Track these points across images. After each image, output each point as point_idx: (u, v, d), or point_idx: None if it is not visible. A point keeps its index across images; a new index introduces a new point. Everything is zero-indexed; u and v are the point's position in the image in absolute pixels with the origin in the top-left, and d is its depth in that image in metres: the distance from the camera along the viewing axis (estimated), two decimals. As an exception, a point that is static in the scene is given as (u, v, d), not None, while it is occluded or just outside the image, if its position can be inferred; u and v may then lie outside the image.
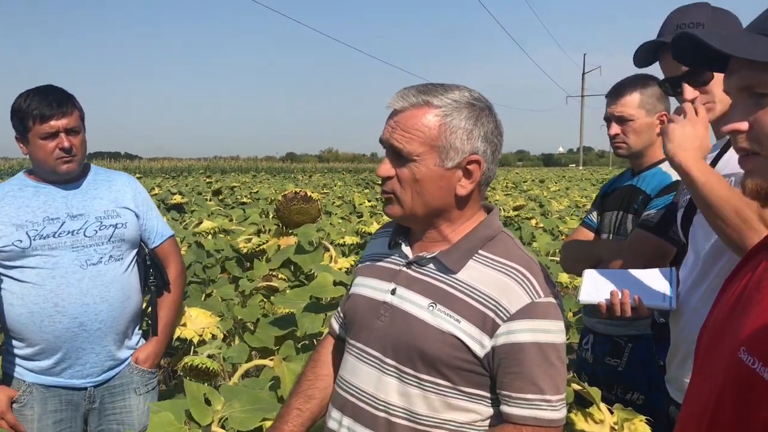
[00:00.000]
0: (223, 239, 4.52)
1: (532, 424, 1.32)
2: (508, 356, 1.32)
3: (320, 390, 1.62)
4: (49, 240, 2.25)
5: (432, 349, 1.34)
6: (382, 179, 1.43)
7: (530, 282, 1.36)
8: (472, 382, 1.36)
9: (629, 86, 2.52)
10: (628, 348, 2.52)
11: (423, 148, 1.36)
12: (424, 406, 1.37)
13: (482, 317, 1.33)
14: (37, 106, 2.24)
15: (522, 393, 1.32)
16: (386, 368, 1.40)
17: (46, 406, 2.30)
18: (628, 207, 2.56)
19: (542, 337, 1.33)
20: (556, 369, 1.34)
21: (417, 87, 1.40)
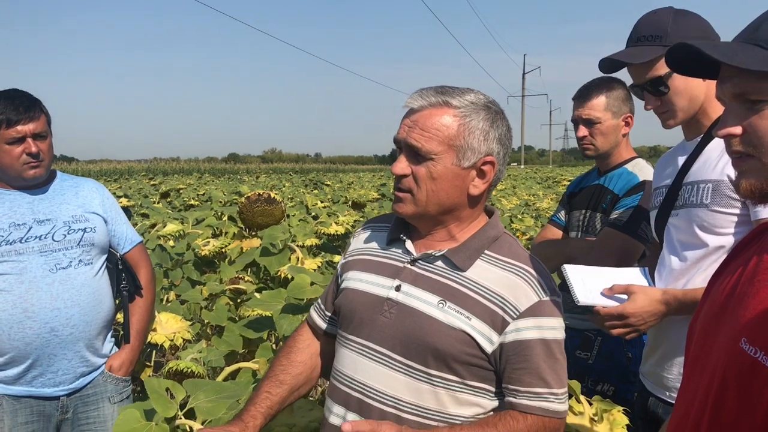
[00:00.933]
0: (183, 242, 4.45)
1: (538, 413, 1.37)
2: (517, 353, 1.38)
3: (292, 376, 1.62)
4: (15, 245, 2.19)
5: (444, 346, 1.37)
6: (396, 177, 1.45)
7: (537, 281, 1.42)
8: (478, 376, 1.41)
9: (595, 89, 2.60)
10: (597, 341, 2.59)
11: (441, 147, 1.39)
12: (433, 401, 1.40)
13: (492, 315, 1.38)
14: (3, 110, 2.18)
15: (531, 387, 1.38)
16: (395, 365, 1.43)
17: (16, 418, 2.23)
18: (596, 206, 2.64)
19: (548, 334, 1.39)
20: (560, 363, 1.41)
21: (434, 88, 1.44)
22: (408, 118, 1.44)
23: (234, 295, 3.34)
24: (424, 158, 1.40)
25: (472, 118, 1.41)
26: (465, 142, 1.40)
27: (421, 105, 1.42)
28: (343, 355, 1.54)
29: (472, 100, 1.42)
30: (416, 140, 1.40)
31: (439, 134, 1.39)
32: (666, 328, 1.85)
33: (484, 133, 1.42)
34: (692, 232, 1.78)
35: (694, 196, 1.79)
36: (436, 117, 1.40)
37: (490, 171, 1.44)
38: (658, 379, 1.89)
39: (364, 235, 1.66)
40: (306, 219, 6.07)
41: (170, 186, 15.90)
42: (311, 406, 2.02)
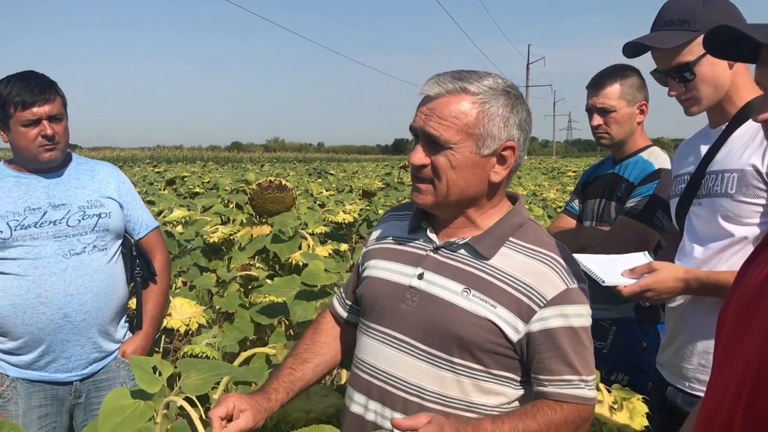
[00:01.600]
0: (191, 229, 4.44)
1: (572, 401, 1.36)
2: (544, 342, 1.36)
3: (315, 354, 1.63)
4: (30, 230, 2.19)
5: (468, 334, 1.36)
6: (414, 167, 1.41)
7: (564, 269, 1.39)
8: (502, 365, 1.39)
9: (609, 77, 2.58)
10: (612, 331, 2.59)
11: (460, 135, 1.35)
12: (457, 389, 1.39)
13: (518, 303, 1.36)
14: (18, 92, 2.16)
15: (561, 375, 1.36)
16: (418, 353, 1.41)
17: (30, 401, 2.23)
18: (610, 195, 2.63)
19: (576, 321, 1.37)
20: (588, 350, 1.40)
21: (451, 73, 1.39)
22: (424, 105, 1.39)
23: (245, 281, 3.34)
24: (442, 147, 1.36)
25: (492, 105, 1.36)
26: (484, 130, 1.36)
27: (438, 92, 1.37)
28: (365, 343, 1.53)
29: (491, 85, 1.38)
30: (434, 129, 1.36)
31: (457, 122, 1.35)
32: (685, 319, 1.84)
33: (504, 120, 1.37)
34: (715, 221, 1.77)
35: (718, 185, 1.77)
36: (454, 104, 1.36)
37: (511, 157, 1.41)
38: (676, 369, 1.89)
39: (385, 224, 1.64)
40: (313, 207, 6.06)
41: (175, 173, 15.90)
42: (327, 392, 2.02)
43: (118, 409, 1.41)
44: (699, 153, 1.89)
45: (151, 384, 1.45)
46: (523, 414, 1.34)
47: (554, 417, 1.34)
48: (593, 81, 2.63)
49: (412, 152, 1.41)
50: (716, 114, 1.85)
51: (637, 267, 1.78)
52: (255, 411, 1.43)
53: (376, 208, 6.86)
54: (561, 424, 1.34)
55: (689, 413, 1.78)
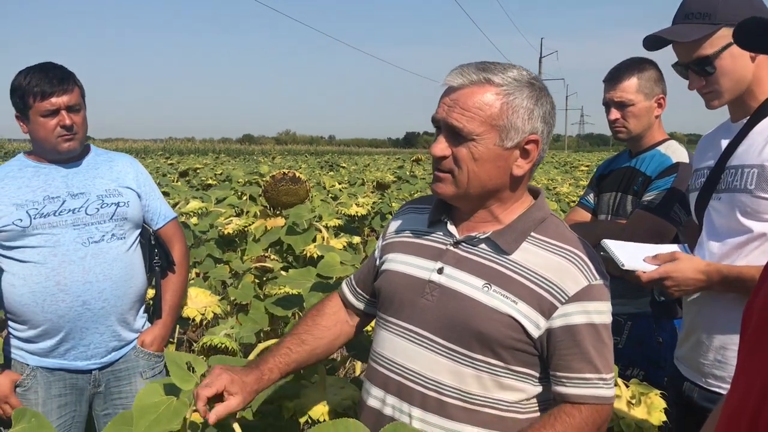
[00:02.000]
0: (205, 221, 4.46)
1: (590, 402, 1.35)
2: (565, 338, 1.35)
3: (314, 337, 1.61)
4: (49, 218, 2.21)
5: (488, 330, 1.35)
6: (435, 158, 1.40)
7: (587, 265, 1.38)
8: (522, 361, 1.38)
9: (627, 71, 2.56)
10: (627, 325, 2.58)
11: (483, 127, 1.34)
12: (476, 385, 1.38)
13: (539, 299, 1.35)
14: (37, 83, 2.18)
15: (581, 373, 1.35)
16: (437, 348, 1.40)
17: (50, 390, 2.25)
18: (627, 188, 2.62)
19: (597, 318, 1.36)
20: (608, 348, 1.39)
21: (475, 64, 1.38)
22: (447, 96, 1.38)
23: (260, 273, 3.35)
24: (465, 139, 1.35)
25: (516, 96, 1.35)
26: (508, 122, 1.34)
27: (462, 83, 1.35)
28: (382, 337, 1.52)
29: (515, 76, 1.36)
30: (457, 120, 1.34)
31: (480, 114, 1.33)
32: (702, 314, 1.83)
33: (529, 112, 1.36)
34: (734, 217, 1.75)
35: (737, 180, 1.75)
36: (478, 95, 1.34)
37: (534, 150, 1.39)
38: (693, 364, 1.88)
39: (404, 217, 1.62)
40: (326, 200, 6.07)
41: (188, 165, 15.96)
42: (343, 384, 2.03)
43: (152, 406, 1.40)
44: (719, 147, 1.87)
45: (186, 381, 1.44)
46: (541, 426, 1.33)
47: (573, 423, 1.33)
48: (610, 74, 2.61)
49: (434, 143, 1.40)
50: (737, 108, 1.84)
51: (660, 254, 1.76)
52: (245, 393, 1.41)
53: (389, 201, 6.86)
54: (582, 427, 1.33)
55: (706, 408, 1.78)
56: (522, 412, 1.40)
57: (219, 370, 1.44)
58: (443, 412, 1.39)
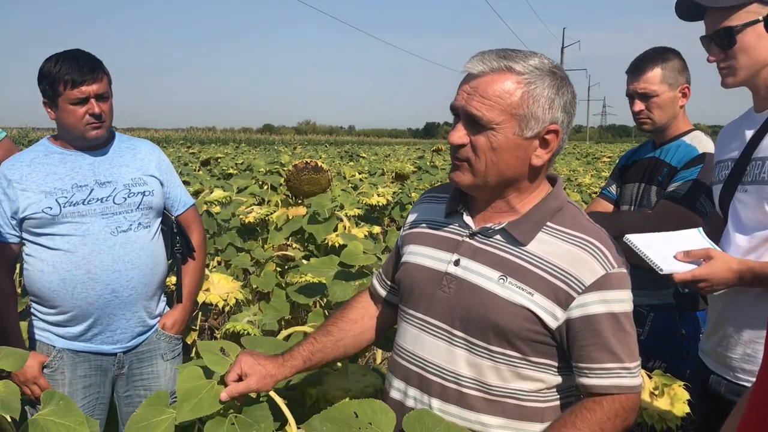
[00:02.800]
0: (228, 210, 4.50)
1: (613, 392, 1.33)
2: (584, 329, 1.33)
3: (340, 329, 1.64)
4: (78, 207, 2.23)
5: (505, 322, 1.34)
6: (453, 146, 1.38)
7: (603, 253, 1.36)
8: (541, 352, 1.38)
9: (650, 62, 2.53)
10: (650, 317, 2.57)
11: (503, 116, 1.32)
12: (495, 376, 1.38)
13: (555, 290, 1.33)
14: (68, 71, 2.20)
15: (602, 363, 1.33)
16: (455, 340, 1.40)
17: (76, 371, 2.29)
18: (651, 179, 2.60)
19: (617, 307, 1.34)
20: (631, 337, 1.37)
21: (496, 51, 1.35)
22: (467, 83, 1.35)
23: (282, 261, 3.38)
24: (484, 127, 1.33)
25: (537, 85, 1.32)
26: (528, 111, 1.32)
27: (482, 70, 1.33)
28: (404, 329, 1.53)
29: (537, 65, 1.34)
30: (476, 108, 1.32)
31: (500, 102, 1.31)
32: (730, 308, 1.81)
33: (549, 101, 1.33)
34: (762, 209, 1.72)
35: (765, 172, 1.72)
36: (498, 83, 1.31)
37: (554, 140, 1.37)
38: (720, 358, 1.85)
39: (422, 207, 1.62)
40: (347, 189, 6.09)
41: (209, 155, 16.06)
42: (365, 372, 2.04)
43: (194, 389, 1.43)
44: (744, 138, 1.84)
45: (220, 364, 1.47)
46: (563, 424, 1.32)
47: (594, 418, 1.31)
48: (633, 65, 2.58)
49: (452, 131, 1.38)
50: (761, 97, 1.81)
51: (693, 251, 1.72)
52: (259, 377, 1.46)
53: (409, 191, 6.86)
54: (604, 422, 1.31)
55: (733, 401, 1.76)
56: (542, 401, 1.40)
57: (242, 355, 1.49)
58: (463, 403, 1.40)
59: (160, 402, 1.45)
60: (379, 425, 1.28)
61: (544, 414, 1.40)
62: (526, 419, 1.39)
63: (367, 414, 1.30)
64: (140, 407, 1.45)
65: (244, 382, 1.44)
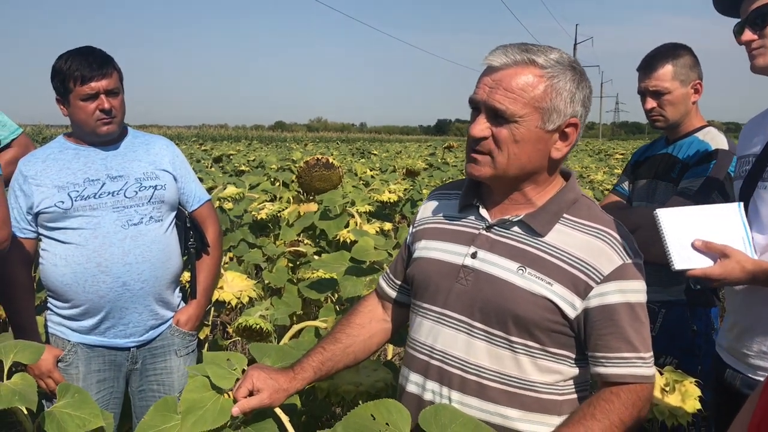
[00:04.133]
0: (240, 206, 4.52)
1: (630, 381, 1.35)
2: (602, 318, 1.35)
3: (347, 335, 1.63)
4: (90, 201, 2.26)
5: (525, 312, 1.35)
6: (473, 139, 1.39)
7: (620, 243, 1.38)
8: (559, 342, 1.39)
9: (661, 58, 2.52)
10: (661, 314, 2.56)
11: (526, 109, 1.33)
12: (515, 367, 1.39)
13: (574, 280, 1.35)
14: (78, 67, 2.22)
15: (619, 352, 1.35)
16: (475, 332, 1.41)
17: (90, 366, 2.32)
18: (664, 175, 2.59)
19: (633, 297, 1.36)
20: (645, 327, 1.39)
21: (517, 45, 1.37)
22: (488, 76, 1.36)
23: (293, 257, 3.39)
24: (507, 120, 1.34)
25: (560, 79, 1.34)
26: (551, 104, 1.34)
27: (505, 63, 1.34)
28: (419, 324, 1.53)
29: (558, 59, 1.36)
30: (499, 101, 1.33)
31: (524, 95, 1.33)
32: (747, 304, 1.80)
33: (571, 95, 1.35)
34: None
35: None
36: (522, 77, 1.33)
37: (573, 133, 1.39)
38: (736, 353, 1.84)
39: (433, 203, 1.62)
40: (358, 186, 6.10)
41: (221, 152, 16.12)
42: (376, 367, 2.05)
43: (199, 402, 1.42)
44: (766, 133, 1.82)
45: (225, 379, 1.46)
46: (582, 416, 1.32)
47: (613, 408, 1.32)
48: (644, 63, 2.57)
49: (473, 124, 1.38)
50: None
51: (711, 244, 1.67)
52: (271, 391, 1.44)
53: (420, 188, 6.87)
54: (622, 412, 1.33)
55: (748, 395, 1.76)
56: (560, 394, 1.41)
57: (252, 370, 1.47)
58: (483, 395, 1.40)
59: (167, 408, 1.44)
60: (396, 425, 1.29)
61: (561, 407, 1.41)
62: (544, 412, 1.40)
63: (383, 415, 1.31)
64: (148, 413, 1.44)
65: (257, 396, 1.43)
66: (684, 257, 1.65)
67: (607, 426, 1.30)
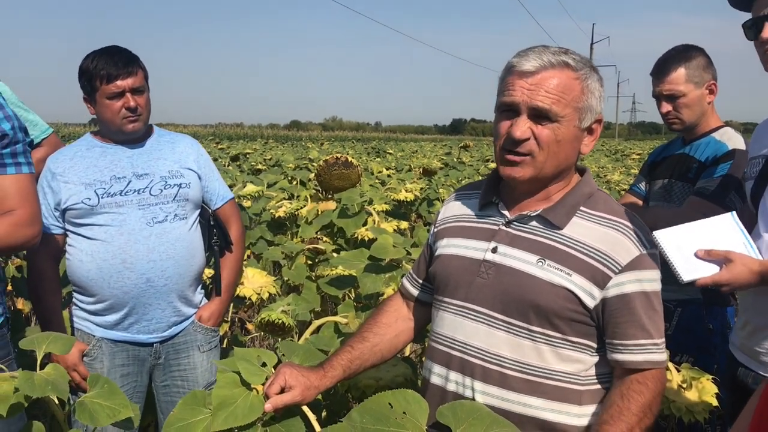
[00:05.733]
0: (258, 204, 4.57)
1: (647, 367, 1.41)
2: (620, 307, 1.41)
3: (374, 334, 1.69)
4: (116, 198, 2.30)
5: (546, 302, 1.40)
6: (513, 141, 1.42)
7: (636, 234, 1.44)
8: (579, 332, 1.43)
9: (673, 62, 2.52)
10: (677, 312, 2.57)
11: (568, 109, 1.40)
12: (536, 357, 1.43)
13: (592, 270, 1.40)
14: (104, 66, 2.27)
15: (636, 339, 1.41)
16: (496, 323, 1.46)
17: (114, 360, 2.36)
18: (680, 175, 2.60)
19: (648, 286, 1.43)
20: (659, 314, 1.45)
21: (544, 48, 1.43)
22: (524, 79, 1.40)
23: (312, 254, 3.43)
24: (550, 120, 1.40)
25: (591, 80, 1.43)
26: (587, 104, 1.42)
27: (540, 65, 1.40)
28: (441, 317, 1.57)
29: (582, 60, 1.44)
30: (543, 102, 1.38)
31: (565, 96, 1.39)
32: (758, 303, 1.81)
33: (599, 94, 1.45)
34: None
35: None
36: (560, 78, 1.40)
37: (598, 129, 1.49)
38: (749, 351, 1.86)
39: (454, 204, 1.68)
40: (375, 185, 6.14)
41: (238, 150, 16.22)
42: (396, 362, 2.09)
43: (230, 398, 1.43)
44: None
45: (258, 376, 1.48)
46: (619, 412, 1.38)
47: (645, 400, 1.39)
48: (657, 67, 2.58)
49: (514, 125, 1.41)
50: None
51: (713, 251, 1.71)
52: (303, 388, 1.48)
53: (436, 187, 6.89)
54: (651, 402, 1.40)
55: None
56: (581, 384, 1.45)
57: (284, 368, 1.51)
58: (505, 384, 1.45)
59: (196, 402, 1.46)
60: (413, 414, 1.32)
61: (581, 397, 1.45)
62: (565, 401, 1.44)
63: (401, 404, 1.34)
64: (177, 407, 1.46)
65: (289, 393, 1.46)
66: (690, 269, 1.70)
67: (641, 419, 1.37)
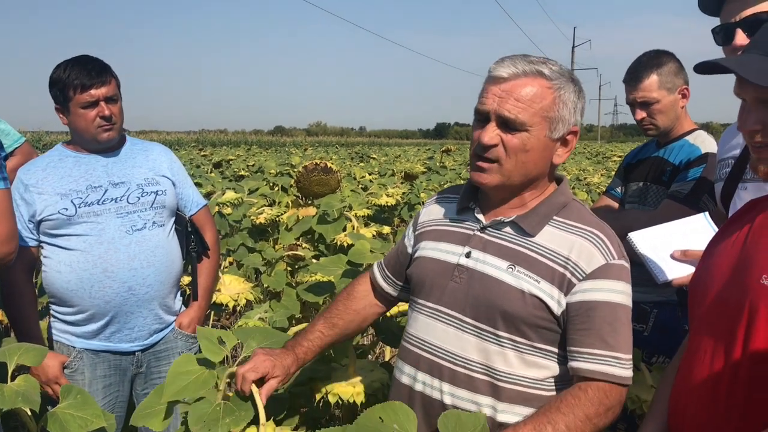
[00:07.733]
0: (239, 211, 4.56)
1: (599, 378, 1.37)
2: (579, 313, 1.40)
3: (345, 321, 1.72)
4: (93, 207, 2.30)
5: (514, 308, 1.41)
6: (482, 146, 1.43)
7: (605, 244, 1.43)
8: (546, 339, 1.44)
9: (645, 69, 2.54)
10: (653, 313, 2.59)
11: (536, 118, 1.40)
12: (502, 361, 1.44)
13: (559, 277, 1.40)
14: (77, 75, 2.26)
15: (591, 348, 1.38)
16: (465, 326, 1.48)
17: (95, 371, 2.35)
18: (655, 178, 2.63)
19: (614, 297, 1.40)
20: (626, 327, 1.41)
21: (523, 57, 1.43)
22: (497, 86, 1.41)
23: (292, 261, 3.43)
24: (518, 129, 1.40)
25: (565, 90, 1.42)
26: (558, 114, 1.41)
27: (513, 73, 1.40)
28: (415, 318, 1.60)
29: (560, 71, 1.43)
30: (510, 111, 1.39)
31: (534, 105, 1.39)
32: None
33: (574, 105, 1.44)
34: None
35: None
36: (531, 87, 1.39)
37: (573, 140, 1.48)
38: None
39: (434, 207, 1.69)
40: (357, 190, 6.14)
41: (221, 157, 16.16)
42: (373, 368, 2.09)
43: (184, 374, 1.51)
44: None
45: (216, 353, 1.53)
46: (549, 409, 1.34)
47: (578, 403, 1.34)
48: (629, 75, 2.60)
49: (483, 131, 1.43)
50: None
51: (690, 251, 1.74)
52: (284, 375, 1.56)
53: (418, 192, 6.90)
54: (588, 408, 1.33)
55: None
56: (547, 390, 1.46)
57: (262, 355, 1.55)
58: (472, 387, 1.46)
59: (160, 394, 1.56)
60: (403, 425, 1.33)
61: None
62: (530, 406, 1.44)
63: (391, 417, 1.35)
64: (145, 399, 1.58)
65: (275, 379, 1.53)
66: (666, 270, 1.73)
67: (570, 420, 1.32)
